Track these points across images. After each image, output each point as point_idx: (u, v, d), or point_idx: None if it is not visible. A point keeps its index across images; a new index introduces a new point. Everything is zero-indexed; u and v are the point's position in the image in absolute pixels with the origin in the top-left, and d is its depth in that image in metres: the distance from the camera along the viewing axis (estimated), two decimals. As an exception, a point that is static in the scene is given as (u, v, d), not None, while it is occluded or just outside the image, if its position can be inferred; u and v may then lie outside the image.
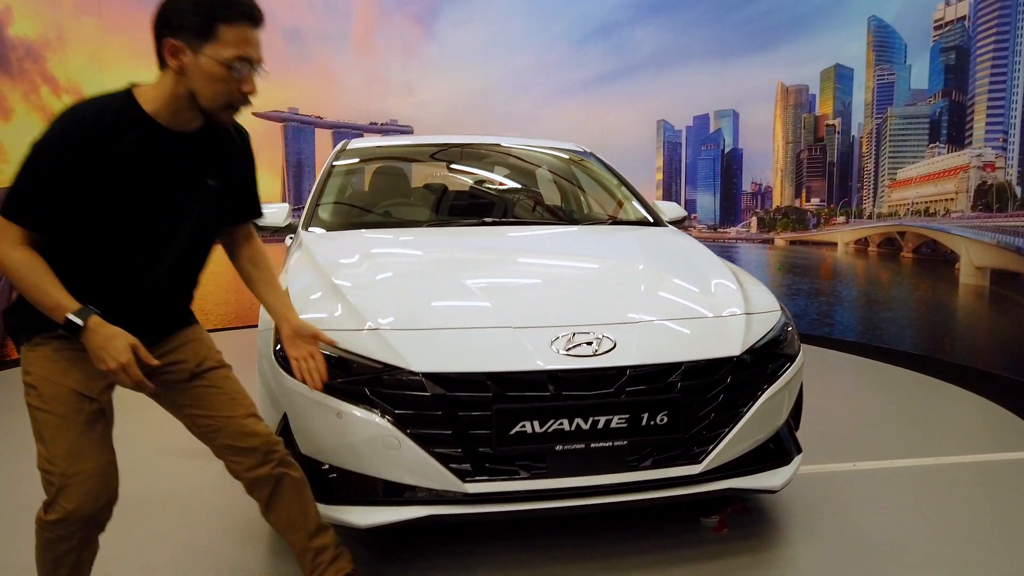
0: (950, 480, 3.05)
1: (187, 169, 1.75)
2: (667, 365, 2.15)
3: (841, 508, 2.74)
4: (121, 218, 1.67)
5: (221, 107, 1.68)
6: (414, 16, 8.01)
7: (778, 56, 6.71)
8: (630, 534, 2.52)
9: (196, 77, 1.64)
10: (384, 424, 2.03)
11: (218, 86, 1.64)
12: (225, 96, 1.66)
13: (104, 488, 1.73)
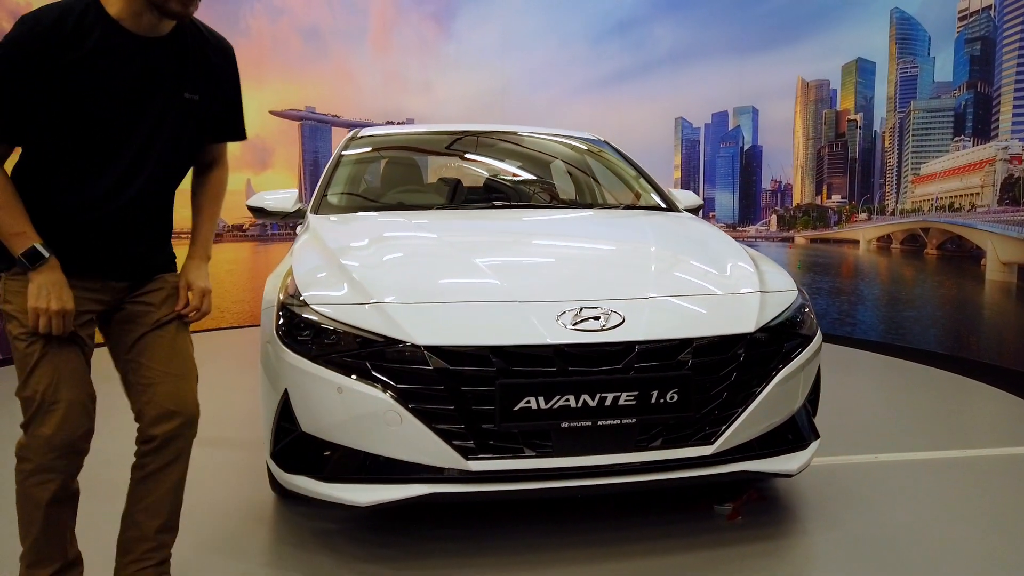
0: (974, 472, 2.94)
1: (159, 78, 1.67)
2: (677, 341, 2.07)
3: (860, 499, 2.64)
4: (86, 129, 1.60)
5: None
6: (431, 14, 8.01)
7: (798, 51, 6.62)
8: (641, 519, 2.45)
9: None
10: (385, 399, 1.98)
11: None
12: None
13: (84, 417, 1.69)
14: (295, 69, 7.53)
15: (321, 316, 2.11)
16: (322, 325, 2.10)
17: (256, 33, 7.24)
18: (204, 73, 1.76)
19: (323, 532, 2.38)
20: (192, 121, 1.77)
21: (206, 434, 1.89)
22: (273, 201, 3.28)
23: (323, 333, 2.09)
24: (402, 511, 2.37)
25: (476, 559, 2.19)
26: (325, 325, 2.09)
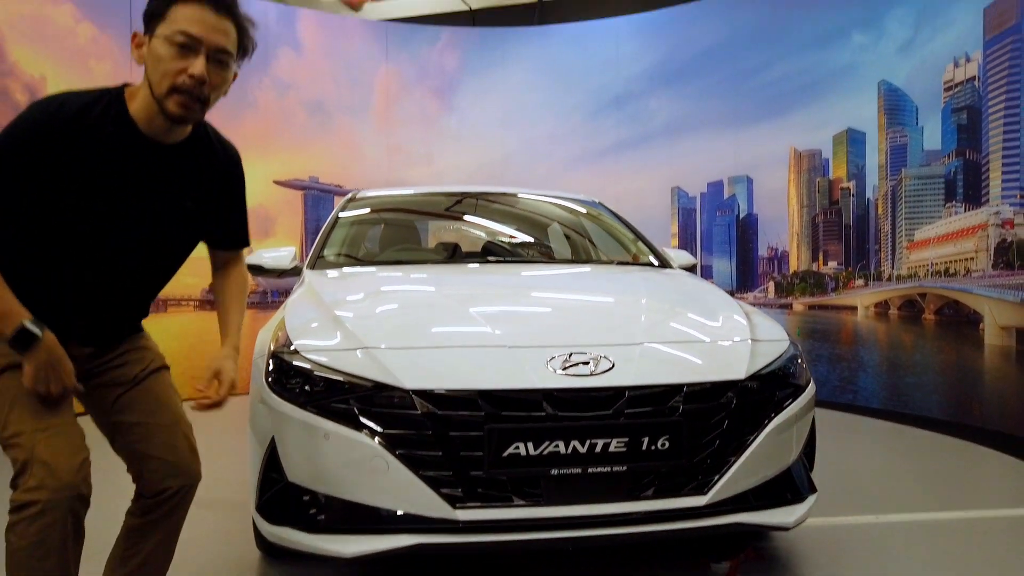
0: (977, 533, 2.86)
1: (161, 184, 1.67)
2: (668, 387, 2.06)
3: (861, 559, 2.57)
4: (80, 221, 1.58)
5: (166, 92, 1.55)
6: (434, 90, 8.25)
7: (790, 122, 6.77)
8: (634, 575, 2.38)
9: (148, 63, 1.57)
10: (372, 445, 1.95)
11: (161, 67, 1.54)
12: (169, 77, 1.54)
13: (79, 443, 1.57)
14: (300, 141, 7.71)
15: (311, 363, 2.11)
16: (311, 372, 2.09)
17: (263, 106, 7.46)
18: (209, 182, 1.77)
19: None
20: (189, 229, 1.78)
21: (196, 494, 1.85)
22: (271, 259, 3.31)
23: (312, 380, 2.08)
24: (391, 563, 2.31)
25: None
26: (314, 371, 2.09)
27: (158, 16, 1.56)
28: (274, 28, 7.55)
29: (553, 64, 8.17)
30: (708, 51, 7.44)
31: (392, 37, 8.14)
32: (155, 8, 1.57)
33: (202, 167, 1.75)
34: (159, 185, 1.67)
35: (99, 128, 1.56)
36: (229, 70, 1.64)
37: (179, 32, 1.54)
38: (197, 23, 1.55)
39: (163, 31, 1.55)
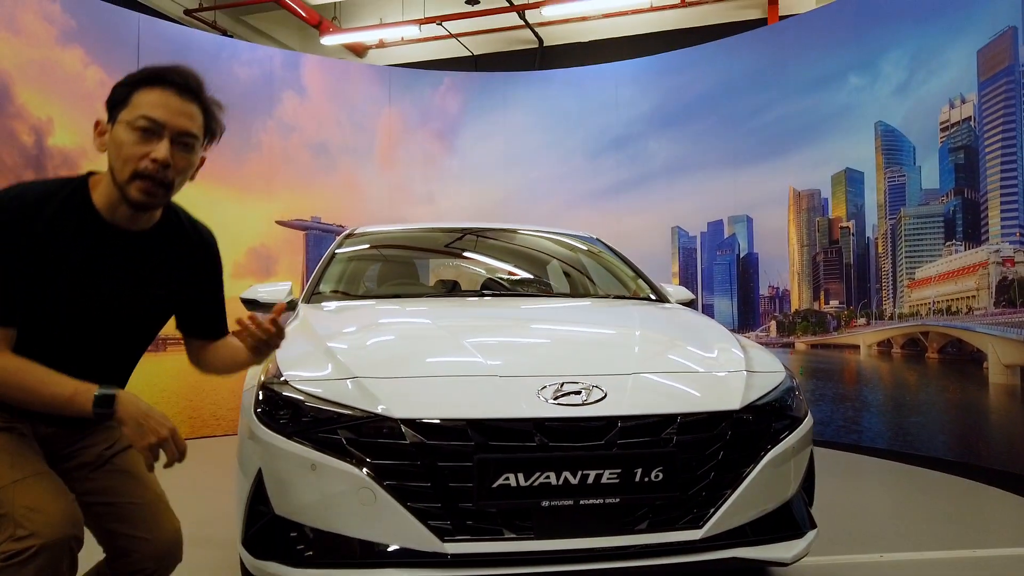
0: (983, 571, 2.79)
1: (127, 272, 1.62)
2: (661, 417, 2.03)
3: (866, 597, 2.50)
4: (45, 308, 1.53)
5: (128, 178, 1.51)
6: (436, 132, 8.35)
7: (788, 163, 6.82)
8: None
9: (111, 150, 1.53)
10: (360, 475, 1.92)
11: (124, 151, 1.50)
12: (132, 162, 1.50)
13: (62, 487, 1.50)
14: (303, 181, 7.78)
15: (300, 393, 2.09)
16: (301, 402, 2.07)
17: (267, 148, 7.55)
18: (180, 270, 1.73)
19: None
20: (158, 313, 1.73)
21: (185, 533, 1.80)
22: (266, 293, 3.31)
23: (300, 410, 2.06)
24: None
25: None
26: (304, 402, 2.06)
27: (121, 102, 1.54)
28: (279, 73, 7.68)
29: (553, 107, 8.28)
30: (706, 94, 7.53)
31: (395, 81, 8.27)
32: (118, 95, 1.55)
33: (172, 254, 1.71)
34: (124, 273, 1.62)
35: (60, 218, 1.51)
36: (195, 154, 1.61)
37: (141, 116, 1.51)
38: (160, 107, 1.53)
39: (125, 116, 1.53)
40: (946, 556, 2.97)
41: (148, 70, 1.58)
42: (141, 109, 1.52)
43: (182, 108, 1.55)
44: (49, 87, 5.99)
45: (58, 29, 6.07)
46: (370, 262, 3.91)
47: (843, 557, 2.89)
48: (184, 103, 1.56)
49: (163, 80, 1.56)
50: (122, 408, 1.46)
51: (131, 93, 1.54)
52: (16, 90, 5.73)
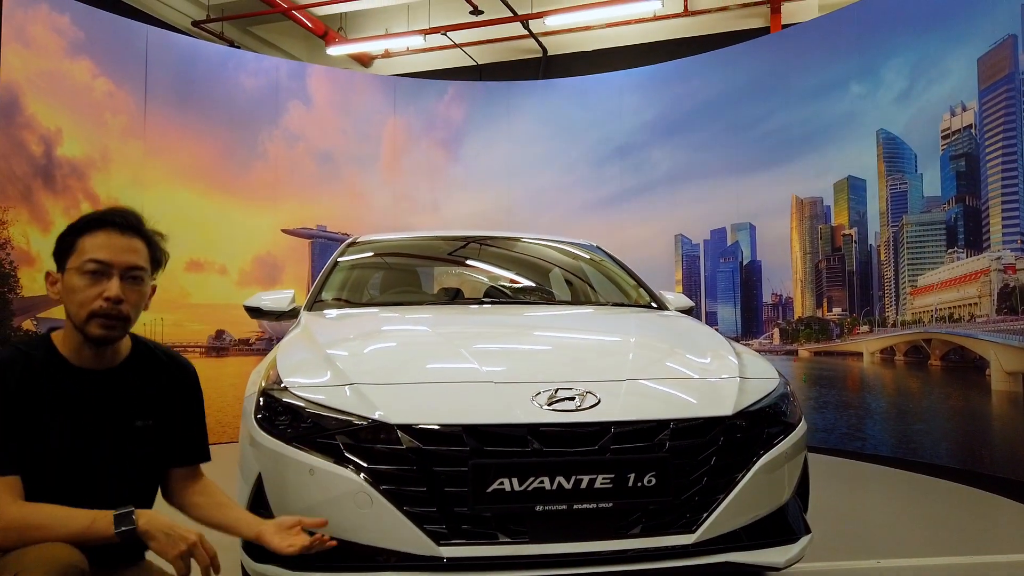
0: (985, 579, 2.80)
1: (108, 409, 1.68)
2: (654, 422, 2.06)
3: (862, 603, 2.52)
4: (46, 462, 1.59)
5: (85, 319, 1.60)
6: (440, 141, 8.42)
7: (791, 171, 6.85)
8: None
9: (64, 297, 1.62)
10: (356, 480, 1.95)
11: (77, 296, 1.59)
12: (86, 305, 1.59)
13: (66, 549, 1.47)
14: (309, 190, 7.85)
15: (299, 399, 2.12)
16: (300, 408, 2.10)
17: (273, 157, 7.62)
18: (155, 399, 1.77)
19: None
20: (148, 446, 1.76)
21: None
22: (269, 301, 3.36)
23: (299, 416, 2.09)
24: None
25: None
26: (303, 407, 2.10)
27: (67, 251, 1.63)
28: (285, 83, 7.76)
29: (557, 116, 8.33)
30: (709, 103, 7.57)
31: (400, 91, 8.34)
32: (64, 245, 1.64)
33: (148, 385, 1.76)
34: (103, 411, 1.68)
35: (31, 373, 1.59)
36: (145, 284, 1.68)
37: (89, 260, 1.59)
38: (105, 248, 1.61)
39: (74, 263, 1.61)
40: (944, 562, 2.98)
41: (88, 217, 1.66)
42: (87, 253, 1.60)
43: (126, 245, 1.64)
44: (58, 98, 6.08)
45: (67, 41, 6.16)
46: (373, 270, 3.95)
47: (840, 563, 2.90)
48: (127, 239, 1.64)
49: (104, 223, 1.64)
50: (144, 521, 1.50)
51: (76, 240, 1.62)
52: (26, 101, 5.82)
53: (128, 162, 6.65)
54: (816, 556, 2.90)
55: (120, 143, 6.59)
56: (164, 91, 6.88)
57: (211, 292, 7.03)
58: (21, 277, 5.70)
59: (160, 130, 6.88)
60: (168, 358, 1.85)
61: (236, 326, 7.31)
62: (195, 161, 7.17)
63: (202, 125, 7.21)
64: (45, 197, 5.95)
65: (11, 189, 5.68)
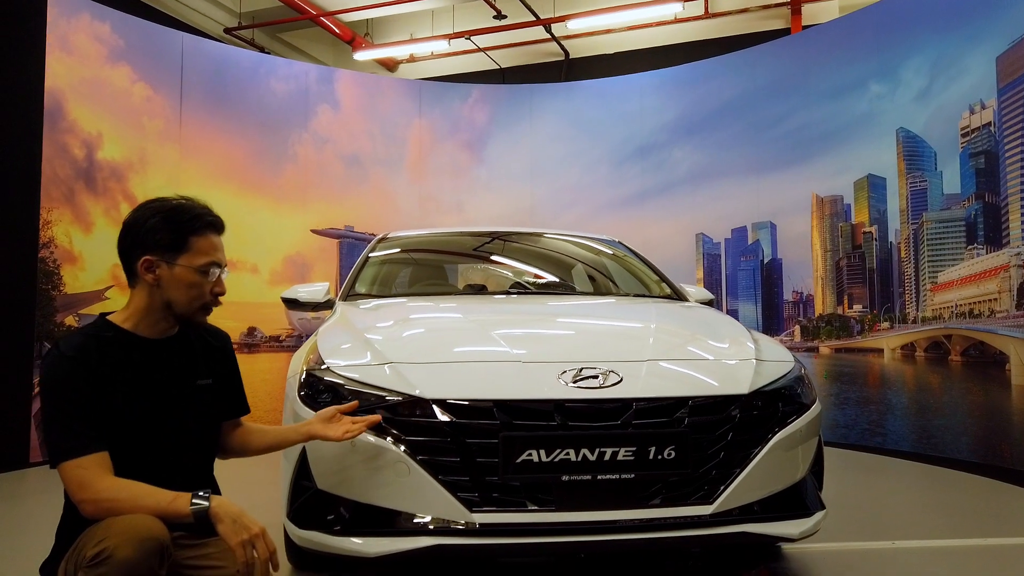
0: (995, 558, 2.88)
1: (174, 372, 1.87)
2: (674, 399, 2.19)
3: (874, 578, 2.62)
4: (126, 427, 1.75)
5: (196, 310, 1.85)
6: (464, 143, 8.58)
7: (811, 169, 6.92)
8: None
9: (171, 287, 1.81)
10: (395, 451, 2.10)
11: (193, 291, 1.82)
12: (200, 299, 1.84)
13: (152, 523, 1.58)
14: (337, 192, 8.04)
15: (341, 378, 2.28)
16: (341, 386, 2.26)
17: (303, 159, 7.83)
18: (210, 360, 1.99)
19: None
20: (209, 403, 1.96)
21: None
22: (306, 293, 3.52)
23: (341, 393, 2.25)
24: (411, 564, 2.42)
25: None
26: (344, 385, 2.25)
27: (178, 248, 1.82)
28: (314, 88, 7.97)
29: (579, 117, 8.46)
30: (729, 103, 7.66)
31: (425, 94, 8.52)
32: (172, 241, 1.81)
33: (199, 349, 1.97)
34: (171, 372, 1.88)
35: (110, 354, 1.78)
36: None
37: (209, 263, 1.83)
38: (218, 251, 1.87)
39: (187, 262, 1.82)
40: (958, 544, 3.06)
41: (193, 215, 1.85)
42: (206, 255, 1.84)
43: (222, 244, 1.90)
44: (99, 103, 6.32)
45: (108, 48, 6.40)
46: (402, 265, 4.10)
47: (856, 543, 3.00)
48: (221, 240, 1.90)
49: (211, 225, 1.87)
50: (216, 505, 1.63)
51: (186, 239, 1.82)
52: (69, 107, 6.06)
53: (164, 164, 6.88)
54: (832, 537, 3.01)
55: (157, 146, 6.82)
56: (199, 95, 7.12)
57: (243, 290, 7.25)
58: (64, 275, 5.93)
59: (195, 133, 7.11)
60: (210, 326, 2.05)
61: (267, 323, 7.52)
62: (228, 163, 7.39)
63: (235, 128, 7.43)
64: (86, 198, 6.19)
65: (55, 191, 5.92)
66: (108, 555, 1.49)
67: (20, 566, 2.84)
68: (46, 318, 5.79)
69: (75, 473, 1.64)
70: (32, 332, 5.68)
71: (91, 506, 1.62)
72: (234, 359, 2.11)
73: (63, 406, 1.69)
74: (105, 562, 1.49)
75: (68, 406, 1.69)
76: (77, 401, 1.69)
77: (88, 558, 1.52)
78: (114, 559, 1.49)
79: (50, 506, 1.87)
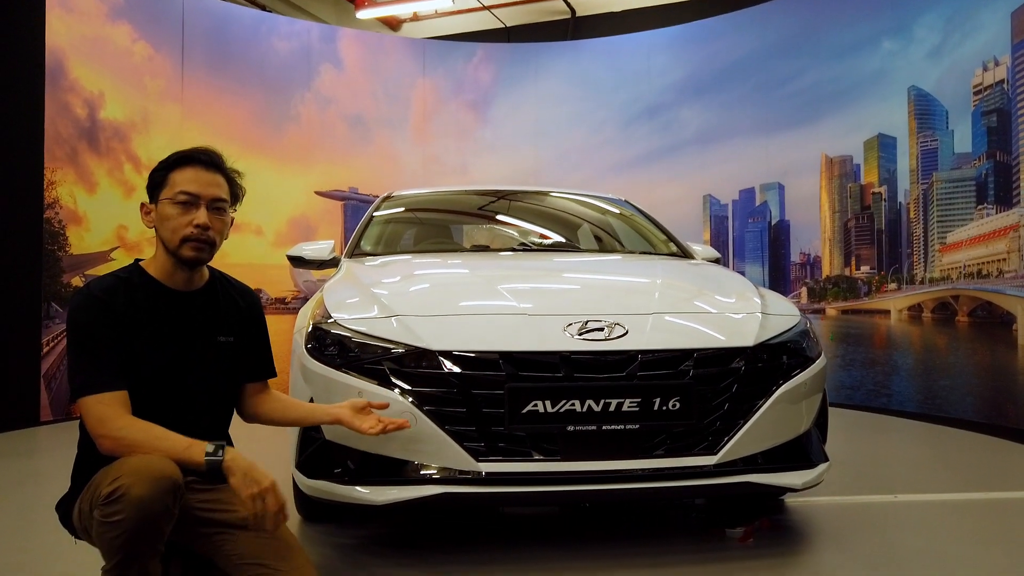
0: (998, 511, 2.90)
1: (197, 325, 1.88)
2: (679, 351, 2.19)
3: (875, 529, 2.64)
4: (145, 374, 1.77)
5: (178, 244, 1.80)
6: (469, 103, 8.49)
7: (820, 129, 6.84)
8: (652, 538, 2.49)
9: (159, 225, 1.83)
10: (402, 401, 2.11)
11: (171, 223, 1.81)
12: (179, 231, 1.80)
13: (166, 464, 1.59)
14: (340, 153, 7.99)
15: (347, 330, 2.29)
16: (348, 338, 2.26)
17: (306, 120, 7.77)
18: (235, 318, 1.98)
19: (344, 547, 2.47)
20: (229, 361, 1.95)
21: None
22: (311, 251, 3.51)
23: (347, 345, 2.26)
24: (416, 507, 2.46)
25: (489, 563, 2.26)
26: (350, 337, 2.26)
27: (159, 184, 1.84)
28: (317, 46, 7.87)
29: (585, 77, 8.35)
30: (738, 62, 7.55)
31: (429, 53, 8.41)
32: (156, 179, 1.85)
33: (224, 306, 1.97)
34: (193, 326, 1.89)
35: (132, 295, 1.81)
36: (227, 215, 1.90)
37: (180, 192, 1.81)
38: (194, 182, 1.83)
39: (166, 195, 1.82)
40: (959, 498, 3.08)
41: (177, 154, 1.87)
42: (179, 186, 1.82)
43: (211, 179, 1.86)
44: (100, 62, 6.26)
45: (108, 6, 6.32)
46: (407, 224, 4.09)
47: (859, 497, 3.03)
48: (211, 175, 1.86)
49: (192, 160, 1.85)
50: (229, 458, 1.64)
51: (167, 175, 1.84)
52: (70, 65, 6.00)
53: (167, 125, 6.83)
54: (834, 491, 3.03)
55: (159, 106, 6.77)
56: (200, 55, 7.04)
57: (248, 253, 7.25)
58: (69, 236, 5.94)
59: (197, 93, 7.04)
60: (235, 286, 2.05)
61: (273, 285, 7.53)
62: (231, 124, 7.34)
63: (237, 88, 7.36)
64: (90, 158, 6.16)
65: (58, 151, 5.89)
66: (123, 493, 1.52)
67: (35, 517, 2.89)
68: (53, 279, 5.81)
69: (96, 408, 1.67)
70: (40, 293, 5.70)
71: (109, 442, 1.66)
72: (262, 320, 2.09)
73: (87, 343, 1.72)
74: (120, 499, 1.52)
75: (92, 343, 1.72)
76: (101, 339, 1.72)
77: (103, 496, 1.55)
78: (128, 496, 1.51)
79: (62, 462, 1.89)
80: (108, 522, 1.53)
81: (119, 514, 1.52)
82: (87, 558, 1.86)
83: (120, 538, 1.53)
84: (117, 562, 1.56)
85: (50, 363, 5.69)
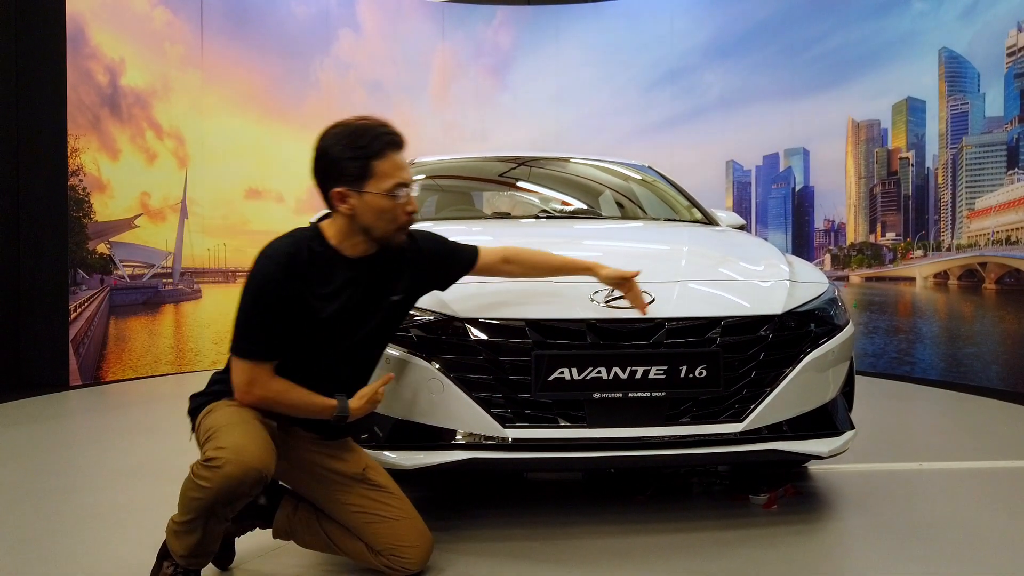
0: (1019, 480, 2.89)
1: (371, 287, 1.95)
2: (705, 319, 2.18)
3: (898, 496, 2.65)
4: (319, 334, 1.87)
5: (393, 232, 1.90)
6: (489, 68, 8.40)
7: (847, 93, 6.70)
8: (677, 503, 2.51)
9: (366, 214, 1.85)
10: (430, 368, 2.13)
11: (386, 216, 1.86)
12: (394, 222, 1.88)
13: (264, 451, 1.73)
14: (360, 119, 7.96)
15: (374, 298, 2.29)
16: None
17: (325, 86, 7.73)
18: (405, 272, 2.02)
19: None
20: (396, 317, 2.04)
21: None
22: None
23: (374, 312, 2.26)
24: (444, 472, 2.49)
25: (515, 527, 2.29)
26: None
27: (362, 175, 1.83)
28: (335, 11, 7.80)
29: (607, 40, 8.22)
30: (764, 23, 7.39)
31: (448, 17, 8.31)
32: (357, 170, 1.83)
33: (394, 266, 2.01)
34: (370, 289, 1.95)
35: (316, 263, 1.86)
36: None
37: (395, 185, 1.85)
38: (401, 170, 1.87)
39: (376, 187, 1.84)
40: (985, 466, 3.07)
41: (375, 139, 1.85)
42: (391, 178, 1.85)
43: (405, 162, 1.90)
44: (120, 28, 6.25)
45: (127, -29, 6.28)
46: (430, 191, 4.07)
47: (884, 465, 3.02)
48: (403, 156, 1.89)
49: (390, 144, 1.86)
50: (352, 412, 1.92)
51: (369, 164, 1.83)
52: (90, 31, 6.00)
53: (187, 91, 6.83)
54: (859, 458, 3.04)
55: (179, 72, 6.76)
56: (219, 19, 7.00)
57: (270, 219, 7.27)
58: (94, 203, 5.99)
59: (217, 59, 7.02)
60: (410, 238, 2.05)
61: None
62: (251, 90, 7.32)
63: (256, 54, 7.33)
64: (112, 125, 6.18)
65: (81, 118, 5.92)
66: (219, 465, 1.66)
67: (67, 482, 2.96)
68: (79, 245, 5.87)
69: (250, 371, 1.81)
70: (67, 260, 5.78)
71: (251, 399, 1.82)
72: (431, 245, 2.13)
73: (260, 308, 1.80)
74: (213, 468, 1.66)
75: (263, 310, 1.79)
76: (272, 307, 1.79)
77: (205, 455, 1.70)
78: (221, 472, 1.65)
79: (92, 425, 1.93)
80: (196, 482, 1.68)
81: (207, 481, 1.66)
82: (118, 530, 1.90)
83: (198, 501, 1.68)
84: (187, 520, 1.71)
85: (78, 328, 5.79)
